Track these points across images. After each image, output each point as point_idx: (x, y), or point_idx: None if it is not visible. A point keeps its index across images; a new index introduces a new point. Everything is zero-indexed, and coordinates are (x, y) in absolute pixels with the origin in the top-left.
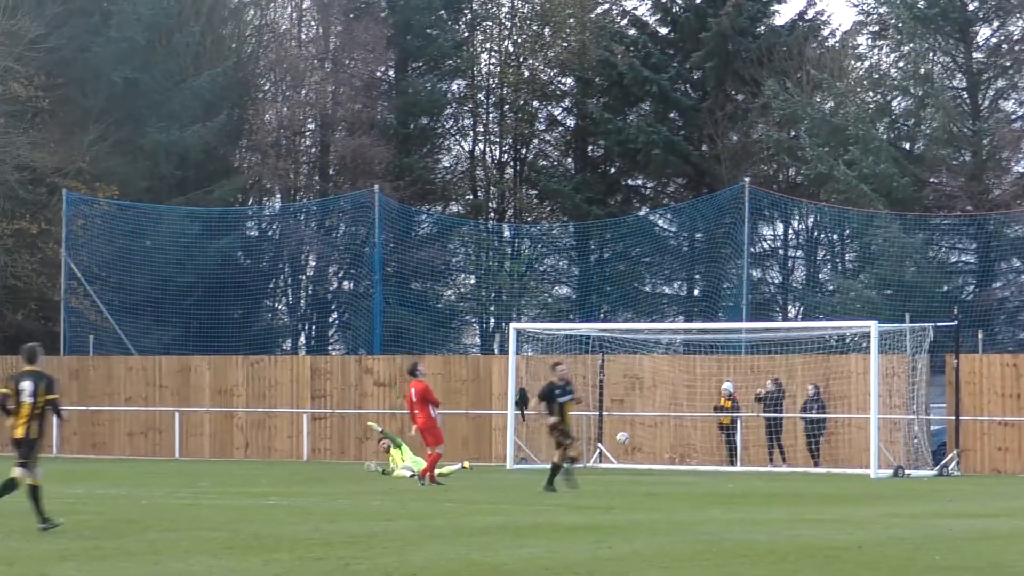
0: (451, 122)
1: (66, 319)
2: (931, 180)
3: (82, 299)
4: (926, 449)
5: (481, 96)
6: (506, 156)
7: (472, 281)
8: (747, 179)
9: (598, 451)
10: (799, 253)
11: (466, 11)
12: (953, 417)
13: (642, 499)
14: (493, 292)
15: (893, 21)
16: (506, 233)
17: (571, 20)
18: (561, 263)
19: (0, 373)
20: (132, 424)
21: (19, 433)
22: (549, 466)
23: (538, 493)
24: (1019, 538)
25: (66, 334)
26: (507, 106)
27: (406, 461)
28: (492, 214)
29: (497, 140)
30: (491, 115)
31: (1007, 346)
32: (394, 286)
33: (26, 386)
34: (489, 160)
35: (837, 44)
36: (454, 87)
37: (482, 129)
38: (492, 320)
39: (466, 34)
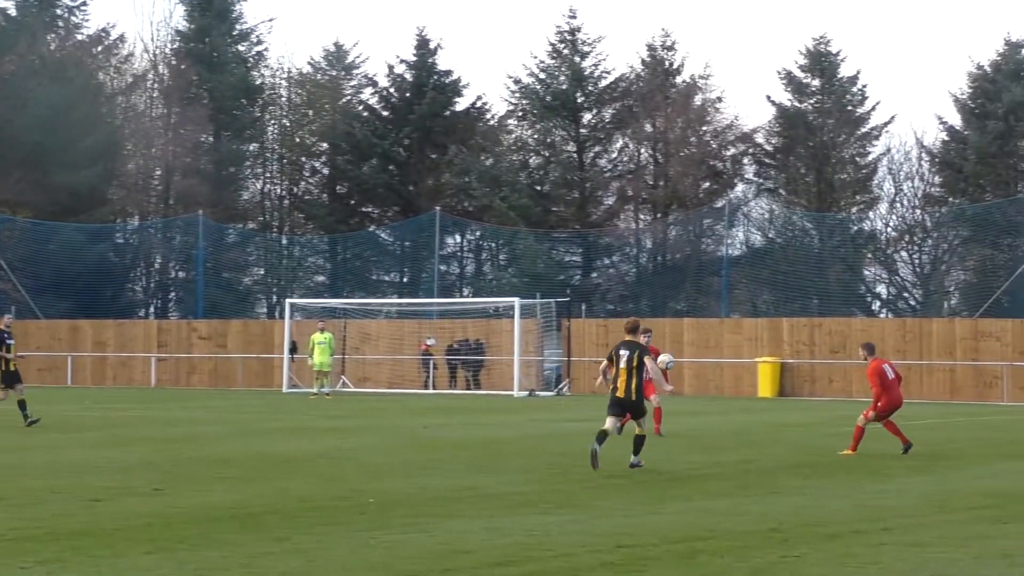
0: (248, 171)
1: None
2: (554, 209)
3: (7, 283)
4: (550, 379)
5: (268, 154)
6: (284, 192)
7: (262, 272)
8: (438, 208)
9: (341, 380)
10: (471, 255)
11: (258, 99)
12: (566, 358)
13: (370, 411)
14: (275, 279)
15: (530, 108)
16: (284, 241)
17: (327, 105)
18: (319, 261)
19: None
20: (40, 363)
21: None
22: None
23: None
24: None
25: None
26: (285, 161)
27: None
28: (275, 230)
29: (278, 182)
30: (274, 167)
31: (599, 314)
32: (212, 275)
33: (623, 353)
34: (273, 195)
35: (495, 123)
36: (251, 148)
37: (269, 175)
38: (275, 297)
39: (259, 114)
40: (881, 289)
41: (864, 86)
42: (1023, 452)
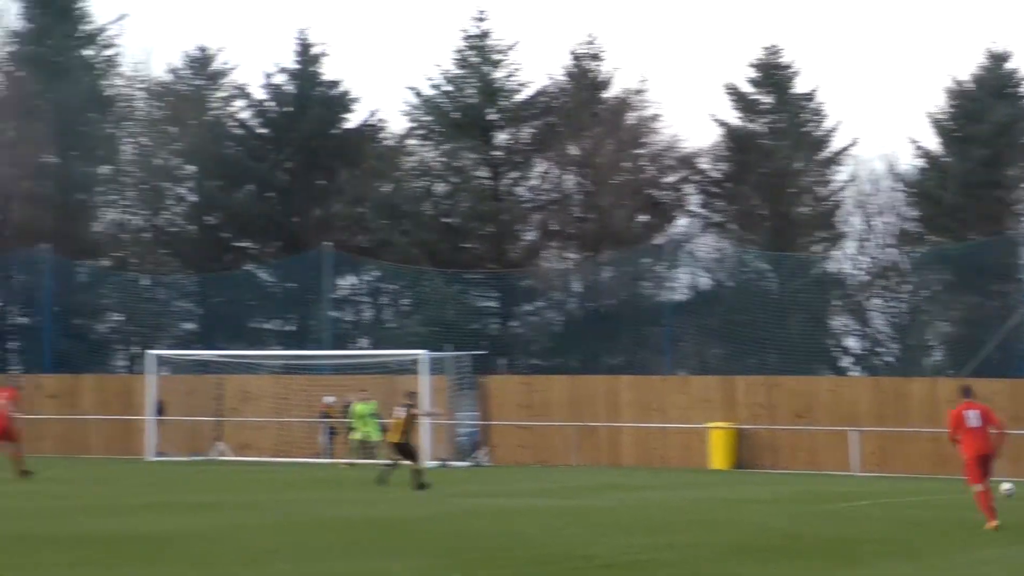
0: (100, 198)
1: None
2: (465, 245)
3: None
4: (465, 447)
5: (124, 178)
6: (144, 223)
7: (120, 318)
8: (328, 243)
9: (218, 447)
10: (368, 299)
11: (110, 113)
12: (483, 422)
13: (255, 483)
14: (135, 326)
15: (435, 127)
16: (145, 282)
17: (193, 121)
18: (188, 305)
19: None
20: None
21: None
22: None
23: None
24: (534, 512)
25: None
26: (144, 185)
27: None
28: (134, 268)
29: (137, 211)
30: (131, 192)
31: (522, 369)
32: (60, 322)
33: (971, 414)
34: (131, 227)
35: (393, 143)
36: (103, 170)
37: (125, 203)
38: (137, 347)
39: (111, 131)
40: (851, 342)
41: (821, 103)
42: (1014, 536)
